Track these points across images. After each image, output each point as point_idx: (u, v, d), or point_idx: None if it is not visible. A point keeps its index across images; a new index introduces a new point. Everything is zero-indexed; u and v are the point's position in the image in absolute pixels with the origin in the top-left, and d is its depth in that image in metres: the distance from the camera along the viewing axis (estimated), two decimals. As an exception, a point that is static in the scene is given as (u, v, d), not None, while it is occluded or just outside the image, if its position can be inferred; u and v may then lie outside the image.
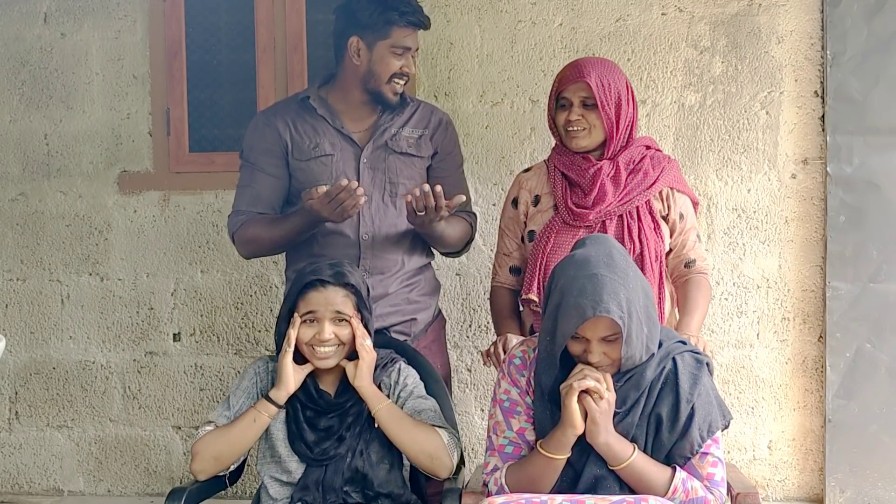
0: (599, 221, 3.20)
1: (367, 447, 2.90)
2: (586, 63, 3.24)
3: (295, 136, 3.39)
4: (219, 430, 2.90)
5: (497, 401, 2.76)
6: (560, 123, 3.25)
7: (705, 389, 2.64)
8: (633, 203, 3.21)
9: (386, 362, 3.00)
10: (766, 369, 4.25)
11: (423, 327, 3.46)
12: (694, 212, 3.35)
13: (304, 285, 2.89)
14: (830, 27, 4.11)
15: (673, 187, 3.27)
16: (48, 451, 4.58)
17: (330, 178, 3.31)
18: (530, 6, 4.26)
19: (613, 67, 3.27)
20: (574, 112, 3.20)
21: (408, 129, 3.43)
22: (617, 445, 2.58)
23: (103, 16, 4.45)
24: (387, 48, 3.31)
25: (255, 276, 4.43)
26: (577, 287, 2.50)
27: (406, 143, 3.42)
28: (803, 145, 4.20)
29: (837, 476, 4.16)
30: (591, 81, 3.16)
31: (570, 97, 3.21)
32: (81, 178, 4.50)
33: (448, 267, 4.26)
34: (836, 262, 4.14)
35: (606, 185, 3.20)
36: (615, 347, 2.53)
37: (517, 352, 2.79)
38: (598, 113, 3.18)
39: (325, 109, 3.40)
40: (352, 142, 3.40)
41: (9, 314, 4.57)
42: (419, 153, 3.43)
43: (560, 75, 3.27)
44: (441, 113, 3.55)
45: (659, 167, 3.26)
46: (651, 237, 3.20)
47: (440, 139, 3.48)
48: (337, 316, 2.88)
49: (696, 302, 3.24)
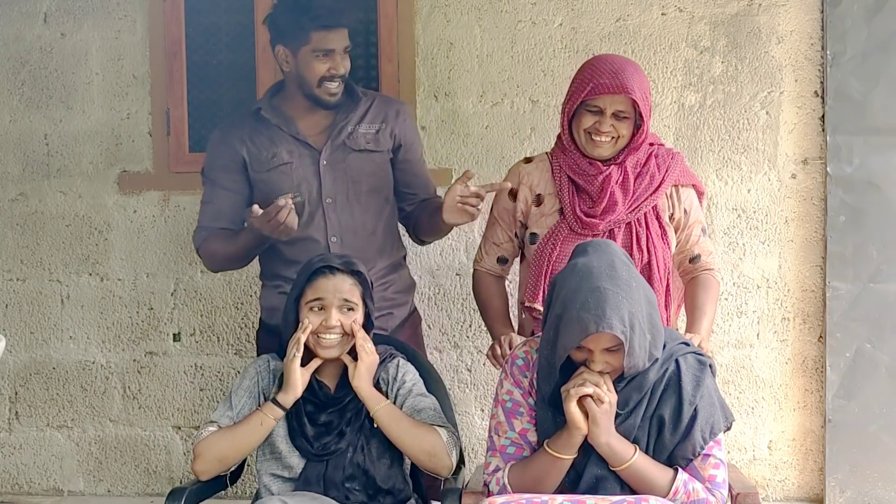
0: (607, 230, 3.14)
1: (368, 443, 2.90)
2: (625, 73, 3.06)
3: (252, 148, 3.41)
4: (223, 432, 2.89)
5: (499, 401, 2.75)
6: (583, 128, 3.12)
7: (708, 391, 2.64)
8: (642, 210, 3.15)
9: (385, 358, 3.00)
10: (766, 369, 4.25)
11: (398, 322, 3.46)
12: (699, 203, 3.29)
13: (313, 271, 2.89)
14: (830, 27, 4.11)
15: (678, 184, 3.22)
16: (48, 451, 4.58)
17: (291, 185, 3.33)
18: (530, 6, 4.26)
19: (643, 75, 3.15)
20: (606, 123, 3.08)
21: (364, 126, 3.42)
22: (618, 446, 2.58)
23: (103, 16, 4.45)
24: (308, 53, 3.33)
25: (255, 276, 4.42)
26: (580, 300, 2.48)
27: (364, 140, 3.41)
28: (803, 145, 4.20)
29: (837, 476, 4.16)
30: (637, 97, 3.04)
31: (603, 106, 3.07)
32: (81, 178, 4.50)
33: (448, 267, 4.25)
34: (836, 262, 4.14)
35: (616, 193, 3.12)
36: (618, 356, 2.53)
37: (520, 352, 2.78)
38: (629, 125, 3.09)
39: (279, 118, 3.41)
40: (308, 146, 3.40)
41: (9, 314, 4.56)
42: (378, 148, 3.42)
43: (593, 80, 3.07)
44: (397, 103, 3.54)
45: (664, 166, 3.20)
46: (659, 245, 3.15)
47: (402, 130, 3.47)
48: (344, 304, 2.88)
49: (703, 304, 3.19)
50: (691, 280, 3.26)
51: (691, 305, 3.23)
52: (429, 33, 4.29)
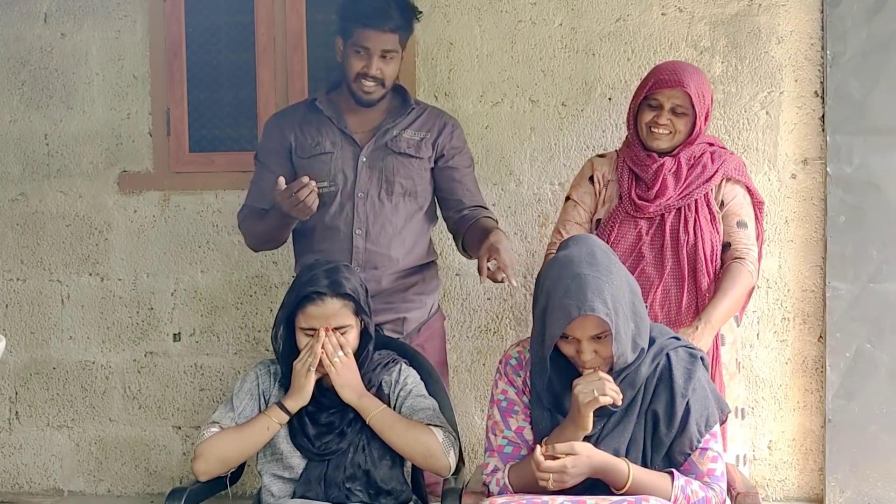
0: (659, 214, 3.38)
1: (369, 443, 2.91)
2: (684, 71, 3.38)
3: (299, 135, 3.53)
4: (226, 433, 2.90)
5: (494, 401, 2.76)
6: (644, 122, 3.40)
7: (700, 384, 2.65)
8: (692, 196, 3.37)
9: (388, 361, 3.02)
10: (766, 369, 4.25)
11: (415, 326, 3.52)
12: (749, 203, 3.44)
13: (302, 298, 2.89)
14: (830, 27, 4.11)
15: (728, 178, 3.42)
16: (48, 451, 4.58)
17: (328, 174, 3.44)
18: (530, 6, 4.26)
19: (704, 77, 3.45)
20: (664, 116, 3.36)
21: (409, 132, 3.53)
22: (612, 461, 2.56)
23: (103, 16, 4.45)
24: (350, 48, 3.44)
25: (255, 276, 4.43)
26: (562, 288, 2.51)
27: (406, 144, 3.50)
28: (803, 145, 4.20)
29: (837, 476, 4.16)
30: (692, 92, 3.32)
31: (662, 100, 3.37)
32: (81, 178, 4.50)
33: (448, 267, 4.25)
34: (836, 262, 4.14)
35: (668, 179, 3.37)
36: (605, 345, 2.54)
37: (513, 352, 2.80)
38: (687, 121, 3.36)
39: (331, 110, 3.53)
40: (353, 141, 3.50)
41: (9, 314, 4.57)
42: (418, 154, 3.51)
43: (654, 77, 3.39)
44: (447, 117, 3.64)
45: (719, 161, 3.43)
46: (707, 229, 3.36)
47: (445, 142, 3.55)
48: (337, 330, 2.89)
49: (723, 290, 3.31)
50: (724, 268, 3.37)
51: (714, 291, 3.33)
52: (429, 33, 4.29)
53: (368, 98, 3.46)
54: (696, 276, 3.35)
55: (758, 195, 3.50)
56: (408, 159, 3.49)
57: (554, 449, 2.51)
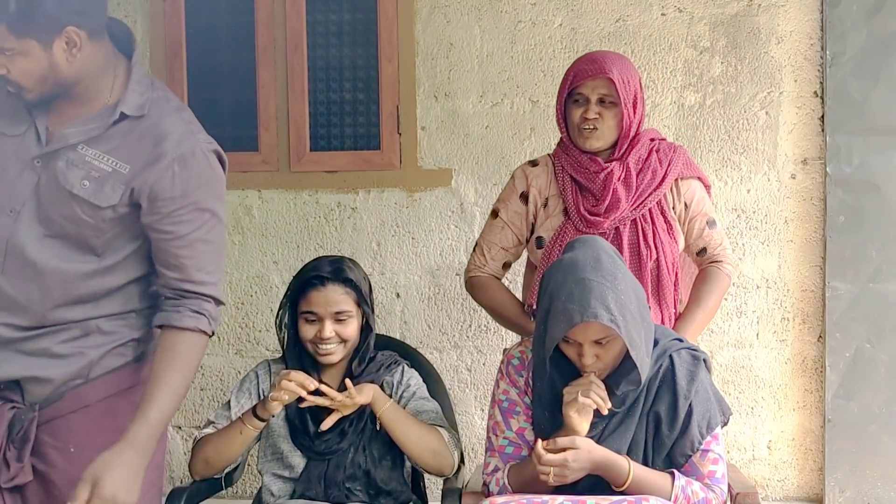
0: (613, 228, 3.09)
1: (370, 443, 2.91)
2: (605, 58, 3.10)
3: None
4: (211, 436, 2.91)
5: (496, 401, 2.76)
6: (574, 121, 3.10)
7: (703, 386, 2.64)
8: (646, 206, 3.10)
9: (390, 363, 3.01)
10: (766, 369, 4.25)
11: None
12: (706, 194, 3.24)
13: (304, 283, 2.90)
14: (830, 27, 4.11)
15: (680, 177, 3.17)
16: (48, 450, 4.58)
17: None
18: (530, 6, 4.26)
19: (629, 62, 3.16)
20: (591, 110, 3.06)
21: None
22: (613, 458, 2.56)
23: (103, 16, 4.45)
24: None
25: (255, 276, 4.43)
26: (566, 292, 2.49)
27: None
28: (803, 145, 4.20)
29: (837, 476, 4.17)
30: (615, 77, 3.02)
31: (586, 93, 3.07)
32: (81, 178, 4.49)
33: (448, 267, 4.26)
34: (835, 263, 4.14)
35: (619, 190, 3.09)
36: (607, 350, 2.53)
37: (515, 352, 2.80)
38: (616, 111, 3.06)
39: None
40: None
41: (9, 314, 4.56)
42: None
43: (575, 69, 3.11)
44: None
45: (666, 160, 3.15)
46: (666, 241, 3.11)
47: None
48: (337, 316, 2.88)
49: (698, 297, 3.15)
50: (698, 273, 3.23)
51: (689, 299, 3.20)
52: (429, 33, 4.29)
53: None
54: (660, 290, 3.11)
55: (706, 179, 3.28)
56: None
57: (555, 442, 2.51)
